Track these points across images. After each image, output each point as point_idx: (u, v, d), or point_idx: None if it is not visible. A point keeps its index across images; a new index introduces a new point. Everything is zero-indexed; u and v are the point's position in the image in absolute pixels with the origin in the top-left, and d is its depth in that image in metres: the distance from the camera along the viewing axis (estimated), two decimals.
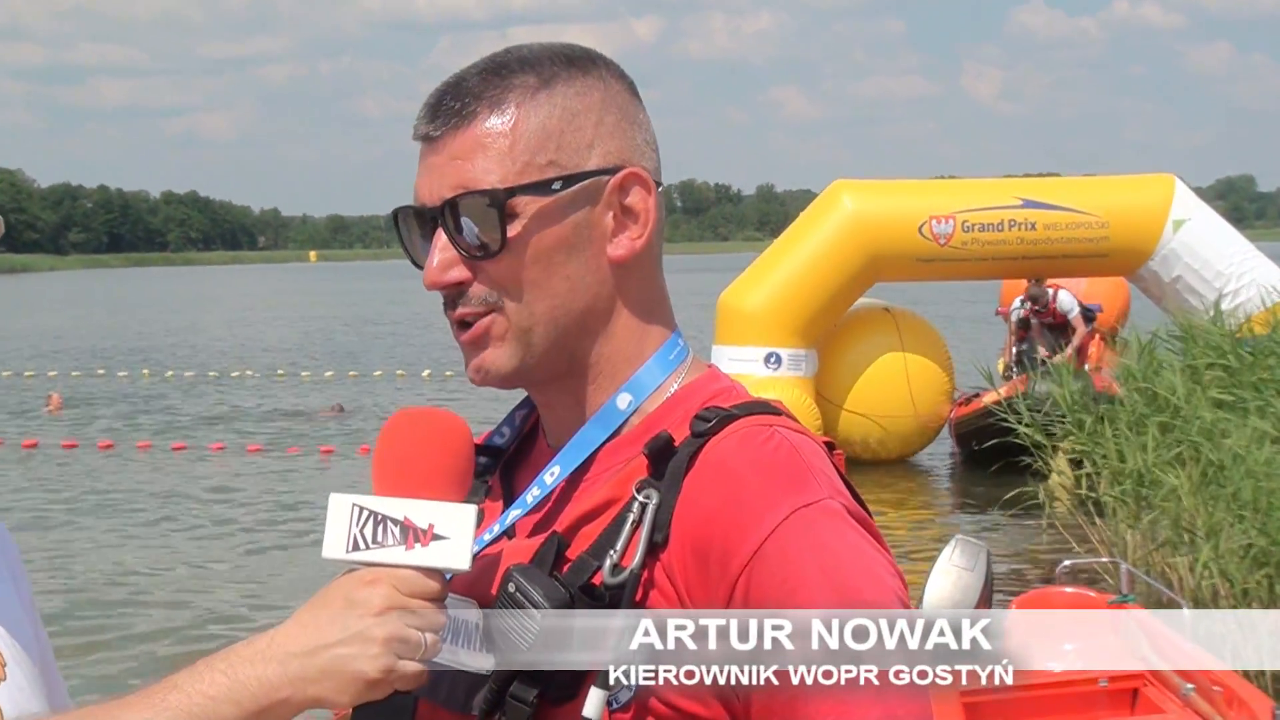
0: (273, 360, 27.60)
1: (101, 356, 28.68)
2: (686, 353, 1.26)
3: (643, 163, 1.22)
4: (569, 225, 1.18)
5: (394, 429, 1.17)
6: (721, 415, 1.16)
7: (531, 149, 1.17)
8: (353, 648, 1.09)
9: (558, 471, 1.22)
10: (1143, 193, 13.56)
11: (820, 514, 1.09)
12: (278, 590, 9.46)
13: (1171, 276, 13.33)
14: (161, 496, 12.96)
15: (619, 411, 1.22)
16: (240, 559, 10.52)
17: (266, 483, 13.72)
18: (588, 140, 1.19)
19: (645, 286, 1.24)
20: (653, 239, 1.21)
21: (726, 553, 1.08)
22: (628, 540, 1.12)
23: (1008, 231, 13.27)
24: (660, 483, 1.13)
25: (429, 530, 1.12)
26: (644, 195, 1.20)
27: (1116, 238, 13.24)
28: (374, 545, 1.13)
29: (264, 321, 43.11)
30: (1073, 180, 14.81)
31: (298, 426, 17.50)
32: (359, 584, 1.12)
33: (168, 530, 11.54)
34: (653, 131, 1.25)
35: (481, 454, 1.31)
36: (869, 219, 13.02)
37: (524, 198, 1.17)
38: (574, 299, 1.19)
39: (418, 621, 1.11)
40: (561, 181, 1.17)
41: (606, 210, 1.19)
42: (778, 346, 12.69)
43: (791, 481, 1.11)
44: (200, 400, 20.89)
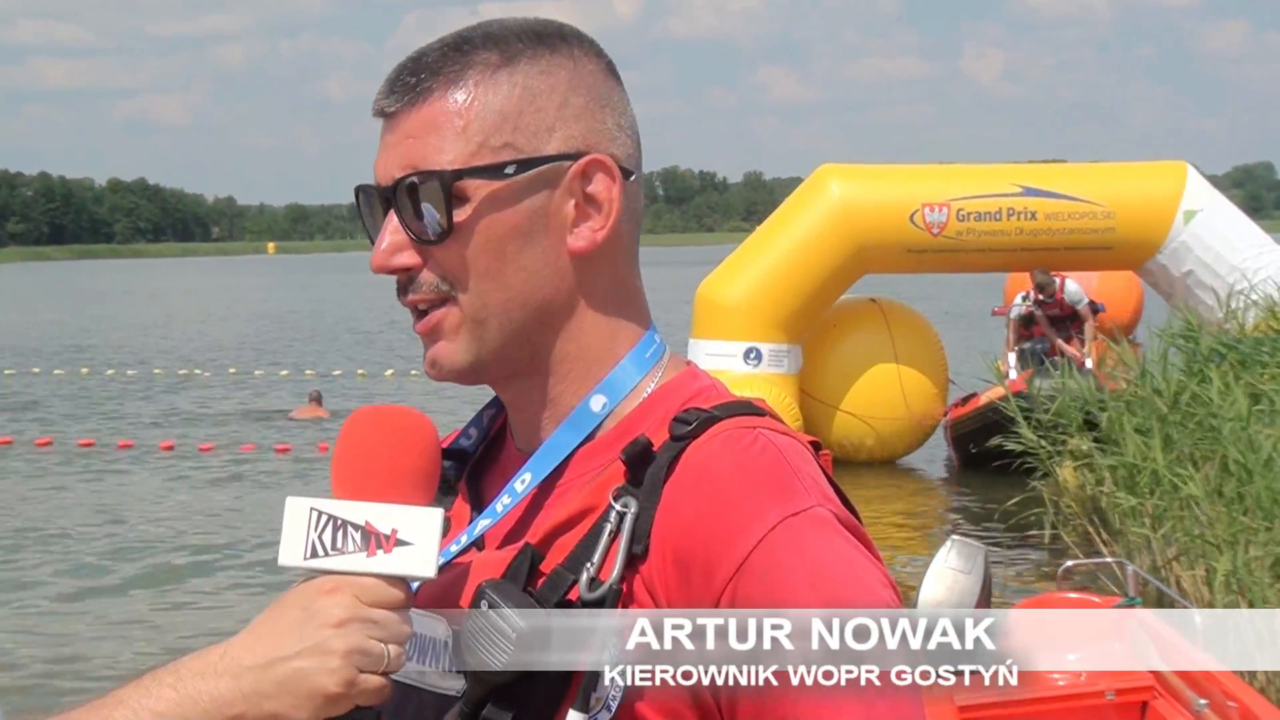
0: (225, 358, 27.51)
1: (40, 356, 28.52)
2: (663, 350, 1.26)
3: (612, 149, 1.21)
4: (523, 212, 1.18)
5: (354, 428, 1.16)
6: (702, 417, 1.15)
7: (487, 130, 1.17)
8: (311, 660, 1.09)
9: (529, 479, 1.21)
10: (1152, 181, 13.56)
11: (809, 523, 1.09)
12: (231, 600, 9.43)
13: (1182, 271, 13.31)
14: (103, 499, 12.91)
15: (593, 414, 1.21)
16: (188, 567, 10.47)
17: (216, 485, 13.69)
18: (549, 123, 1.18)
19: (614, 280, 1.23)
20: (616, 230, 1.20)
21: (710, 564, 1.08)
22: (605, 552, 1.11)
23: (1006, 221, 13.25)
24: (639, 490, 1.13)
25: (392, 536, 1.11)
26: (608, 184, 1.19)
27: (1123, 229, 13.22)
28: (333, 552, 1.12)
29: (217, 317, 42.97)
30: (1077, 167, 14.81)
31: (251, 426, 17.48)
32: (317, 593, 1.11)
33: (113, 532, 11.49)
34: (631, 115, 1.24)
35: (447, 458, 1.30)
36: (857, 206, 13.00)
37: (474, 181, 1.17)
38: (531, 291, 1.19)
39: (380, 633, 1.10)
40: (516, 165, 1.17)
41: (567, 198, 1.19)
42: (758, 341, 12.68)
43: (778, 488, 1.10)
44: (148, 401, 20.84)
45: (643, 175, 1.26)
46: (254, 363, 26.37)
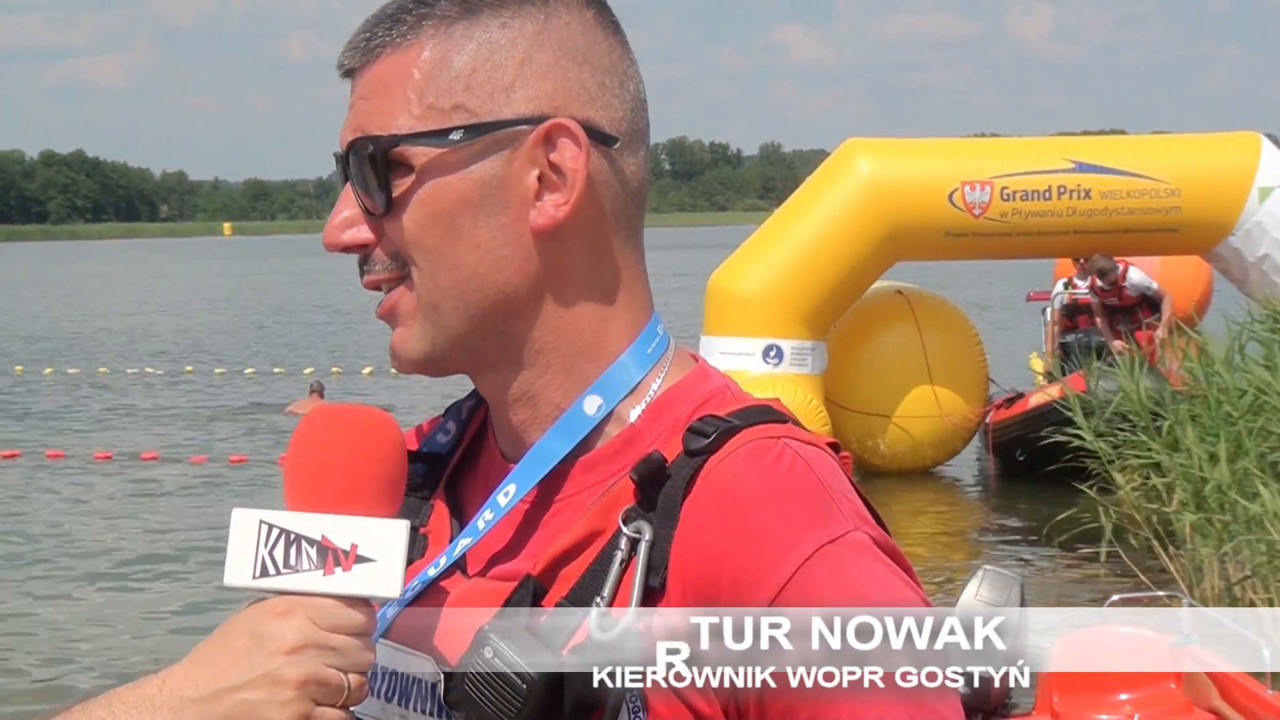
0: (180, 353, 27.51)
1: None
2: (667, 343, 1.25)
3: (587, 111, 1.18)
4: (473, 183, 1.16)
5: (309, 431, 1.16)
6: (721, 428, 1.15)
7: (437, 90, 1.17)
8: (260, 691, 1.09)
9: (513, 491, 1.20)
10: (1222, 154, 13.51)
11: (848, 550, 1.09)
12: (168, 625, 9.45)
13: (1257, 255, 13.26)
14: (27, 510, 12.93)
15: (587, 418, 1.20)
16: (122, 588, 10.49)
17: (162, 495, 13.69)
18: (506, 81, 1.17)
19: (597, 262, 1.21)
20: (587, 205, 1.18)
21: (739, 598, 1.08)
22: (617, 583, 1.11)
23: (1056, 200, 13.20)
24: (652, 513, 1.12)
25: (351, 551, 1.11)
26: (575, 152, 1.17)
27: (1190, 208, 13.17)
28: (286, 570, 1.12)
29: (167, 307, 42.95)
30: (1137, 139, 14.77)
31: (205, 431, 17.49)
32: (268, 616, 1.11)
33: (45, 555, 11.50)
34: (626, 72, 1.22)
35: (420, 460, 1.29)
36: (889, 185, 12.96)
37: (415, 148, 1.16)
38: (488, 272, 1.17)
39: (339, 660, 1.10)
40: (464, 131, 1.16)
41: (529, 168, 1.17)
42: (778, 338, 12.64)
43: (812, 511, 1.10)
44: (87, 401, 20.85)
45: (646, 143, 1.24)
46: (214, 360, 26.37)
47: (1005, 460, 13.59)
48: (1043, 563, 10.78)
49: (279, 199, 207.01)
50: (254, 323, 36.48)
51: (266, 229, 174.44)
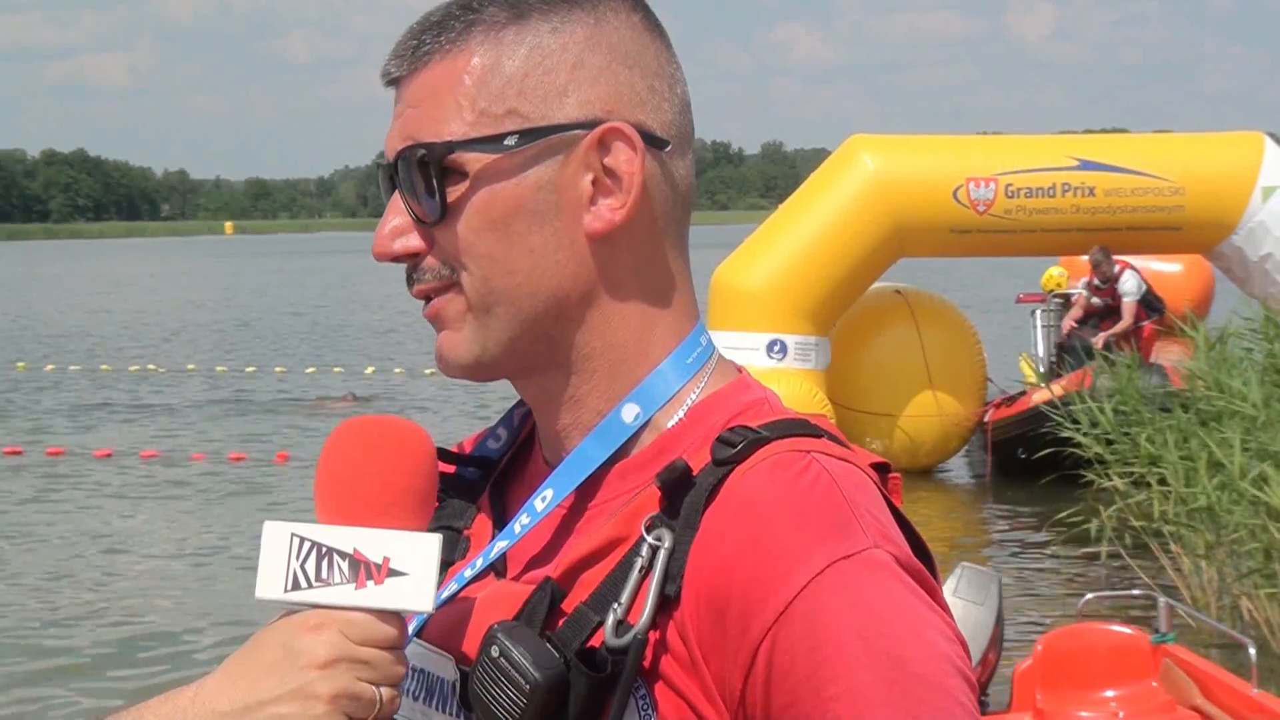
0: (183, 352, 27.53)
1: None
2: (710, 353, 1.24)
3: (639, 115, 1.18)
4: (528, 188, 1.16)
5: (339, 442, 1.15)
6: (750, 438, 1.13)
7: (489, 96, 1.17)
8: (293, 705, 1.08)
9: (550, 496, 1.20)
10: (1226, 153, 13.56)
11: (863, 567, 1.06)
12: (203, 633, 9.45)
13: (1259, 254, 13.28)
14: (33, 512, 12.94)
15: (624, 425, 1.20)
16: (145, 594, 10.49)
17: (163, 501, 13.70)
18: (560, 86, 1.17)
19: (646, 268, 1.21)
20: (642, 210, 1.18)
21: (747, 612, 1.06)
22: (634, 591, 1.10)
23: (1061, 198, 13.26)
24: (675, 521, 1.11)
25: (384, 565, 1.11)
26: (630, 155, 1.17)
27: (1193, 207, 13.22)
28: (318, 583, 1.11)
29: (168, 305, 42.98)
30: (1140, 137, 14.79)
31: (205, 429, 17.53)
32: (300, 630, 1.10)
33: (60, 556, 11.51)
34: (673, 75, 1.22)
35: (471, 464, 1.30)
36: (894, 181, 13.00)
37: (469, 154, 1.16)
38: (542, 277, 1.17)
39: (371, 674, 1.10)
40: (518, 136, 1.16)
41: (583, 172, 1.17)
42: (782, 333, 12.68)
43: (829, 526, 1.08)
44: (91, 398, 20.88)
45: (693, 146, 1.24)
46: (216, 358, 26.40)
47: (1005, 459, 13.58)
48: (1041, 562, 10.80)
49: (280, 198, 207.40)
50: (254, 322, 36.49)
51: (268, 227, 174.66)
